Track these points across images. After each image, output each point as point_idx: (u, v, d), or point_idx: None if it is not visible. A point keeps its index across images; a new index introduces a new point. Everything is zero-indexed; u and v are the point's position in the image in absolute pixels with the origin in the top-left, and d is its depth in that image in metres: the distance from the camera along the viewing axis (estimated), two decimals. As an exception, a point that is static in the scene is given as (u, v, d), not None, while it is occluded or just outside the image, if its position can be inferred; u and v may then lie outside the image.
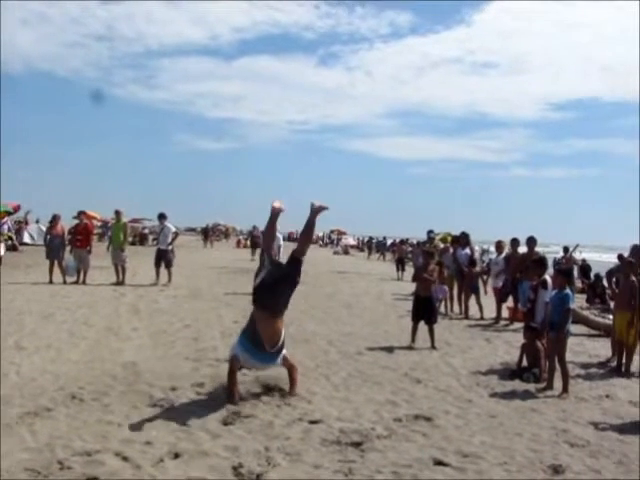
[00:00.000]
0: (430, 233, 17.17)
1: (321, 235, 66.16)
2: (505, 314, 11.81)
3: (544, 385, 6.56)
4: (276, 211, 5.99)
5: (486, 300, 12.62)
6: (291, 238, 47.01)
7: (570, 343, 7.10)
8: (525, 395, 6.27)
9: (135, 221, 45.32)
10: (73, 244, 15.39)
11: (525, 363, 7.20)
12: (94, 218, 34.68)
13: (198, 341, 8.35)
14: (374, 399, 5.84)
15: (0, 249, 19.25)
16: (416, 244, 26.41)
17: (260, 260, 6.64)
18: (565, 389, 6.32)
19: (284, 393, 5.73)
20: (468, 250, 12.96)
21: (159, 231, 17.14)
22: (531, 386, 6.62)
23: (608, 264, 18.36)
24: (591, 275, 19.00)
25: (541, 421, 5.38)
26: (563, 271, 7.65)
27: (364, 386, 6.35)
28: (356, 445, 4.54)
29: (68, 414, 5.00)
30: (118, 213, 16.08)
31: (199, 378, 6.24)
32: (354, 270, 25.76)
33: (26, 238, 31.79)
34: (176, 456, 4.21)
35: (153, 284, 15.05)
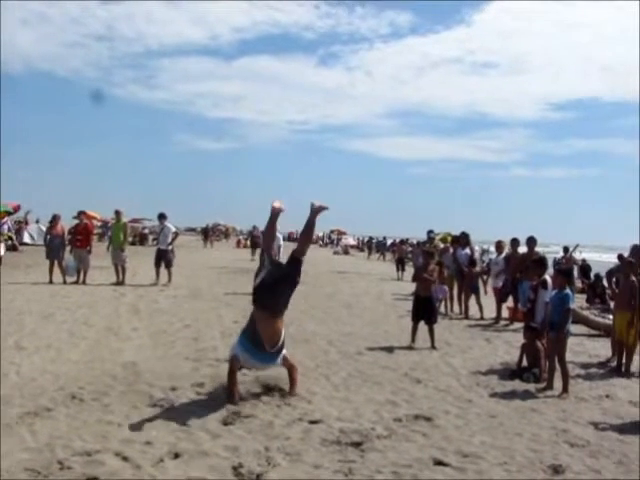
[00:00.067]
0: (430, 233, 17.17)
1: (321, 235, 66.18)
2: (505, 314, 11.80)
3: (544, 385, 6.56)
4: (276, 211, 5.99)
5: (486, 300, 12.61)
6: (291, 238, 47.01)
7: (570, 343, 7.10)
8: (525, 395, 6.27)
9: (135, 221, 45.33)
10: (73, 244, 15.40)
11: (525, 363, 7.20)
12: (94, 218, 34.68)
13: (198, 341, 8.35)
14: (374, 399, 5.84)
15: (0, 249, 19.26)
16: (416, 244, 26.41)
17: (260, 260, 6.63)
18: (565, 389, 6.32)
19: (284, 393, 5.73)
20: (468, 250, 12.96)
21: (159, 231, 17.15)
22: (531, 386, 6.62)
23: (608, 264, 18.35)
24: (591, 275, 19.00)
25: (541, 421, 5.38)
26: (563, 271, 7.65)
27: (364, 386, 6.35)
28: (356, 445, 4.54)
29: (68, 414, 5.00)
30: (118, 213, 16.09)
31: (199, 378, 6.24)
32: (354, 270, 25.76)
33: (26, 238, 31.79)
34: (176, 456, 4.21)
35: (153, 284, 15.06)
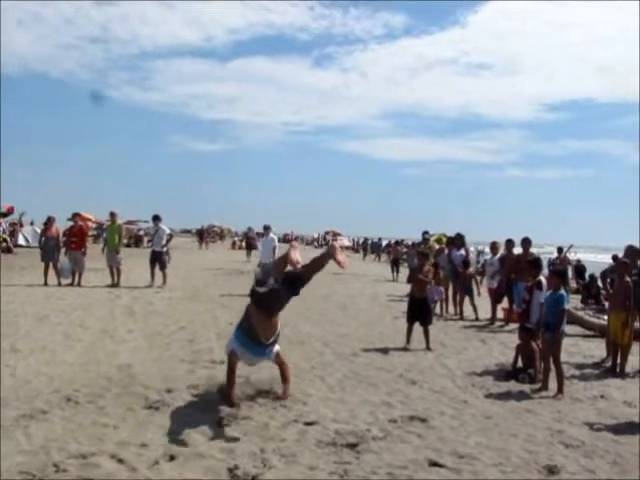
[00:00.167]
0: (425, 234, 17.15)
1: (316, 236, 66.25)
2: (500, 315, 11.83)
3: (539, 386, 6.58)
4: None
5: (481, 301, 12.64)
6: (286, 240, 46.98)
7: (565, 344, 7.13)
8: (520, 396, 6.28)
9: (130, 223, 45.23)
10: (68, 246, 15.36)
11: (520, 364, 7.21)
12: (89, 220, 34.64)
13: (193, 343, 8.35)
14: (369, 400, 5.84)
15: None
16: (411, 245, 26.41)
17: (263, 270, 6.31)
18: (560, 390, 6.34)
19: (277, 396, 5.72)
20: (463, 251, 12.99)
21: (154, 233, 17.11)
22: (526, 387, 6.64)
23: (603, 265, 18.47)
24: (586, 276, 19.09)
25: (536, 422, 5.39)
26: (558, 272, 7.67)
27: (359, 387, 6.36)
28: (351, 446, 4.54)
29: (63, 416, 4.98)
30: (113, 215, 16.06)
31: (194, 380, 6.23)
32: (349, 271, 25.69)
33: (21, 240, 31.70)
34: (172, 458, 4.20)
35: (148, 286, 15.03)
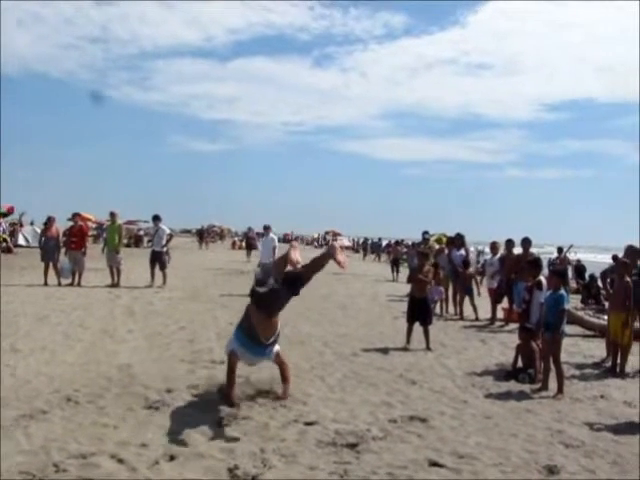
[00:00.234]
0: (425, 234, 17.16)
1: (316, 236, 66.25)
2: (500, 315, 11.83)
3: (539, 386, 6.58)
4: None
5: (481, 301, 12.64)
6: (286, 240, 46.98)
7: (565, 344, 7.13)
8: (520, 396, 6.28)
9: (130, 223, 45.24)
10: (68, 246, 15.36)
11: (520, 364, 7.22)
12: (89, 220, 34.64)
13: (193, 343, 8.35)
14: (369, 400, 5.84)
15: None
16: (411, 245, 26.41)
17: (263, 270, 6.33)
18: (560, 390, 6.34)
19: (277, 396, 5.71)
20: (463, 251, 12.99)
21: (153, 233, 17.12)
22: (526, 387, 6.64)
23: (603, 265, 18.47)
24: (586, 276, 19.08)
25: (536, 422, 5.39)
26: (558, 272, 7.66)
27: (359, 387, 6.36)
28: (351, 446, 4.54)
29: (63, 417, 4.98)
30: (113, 215, 16.06)
31: (194, 380, 6.23)
32: (349, 271, 25.69)
33: (21, 240, 31.70)
34: (172, 458, 4.20)
35: (148, 286, 15.03)
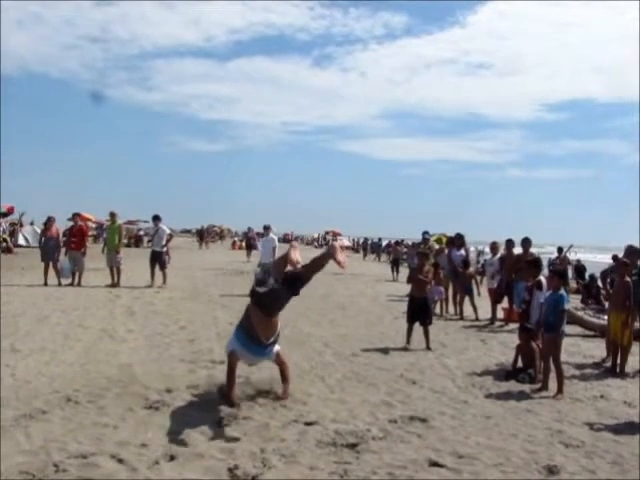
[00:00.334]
0: (425, 234, 17.16)
1: (316, 236, 66.25)
2: (500, 315, 11.83)
3: (539, 386, 6.58)
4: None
5: (481, 301, 12.64)
6: (286, 240, 46.98)
7: (565, 344, 7.13)
8: (520, 396, 6.28)
9: (130, 223, 45.26)
10: (68, 246, 15.36)
11: (520, 364, 7.22)
12: (89, 220, 34.63)
13: (193, 343, 8.35)
14: (369, 400, 5.84)
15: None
16: (411, 245, 26.41)
17: (263, 270, 6.38)
18: (560, 390, 6.34)
19: (278, 396, 5.71)
20: (463, 251, 12.98)
21: (153, 233, 17.12)
22: (526, 387, 6.64)
23: (603, 265, 18.49)
24: (586, 276, 19.08)
25: (536, 422, 5.39)
26: (558, 272, 7.65)
27: (359, 387, 6.36)
28: (351, 446, 4.54)
29: (63, 417, 4.98)
30: (113, 215, 16.07)
31: (194, 380, 6.23)
32: (349, 271, 25.70)
33: (21, 240, 31.71)
34: (172, 458, 4.20)
35: (148, 286, 15.02)
